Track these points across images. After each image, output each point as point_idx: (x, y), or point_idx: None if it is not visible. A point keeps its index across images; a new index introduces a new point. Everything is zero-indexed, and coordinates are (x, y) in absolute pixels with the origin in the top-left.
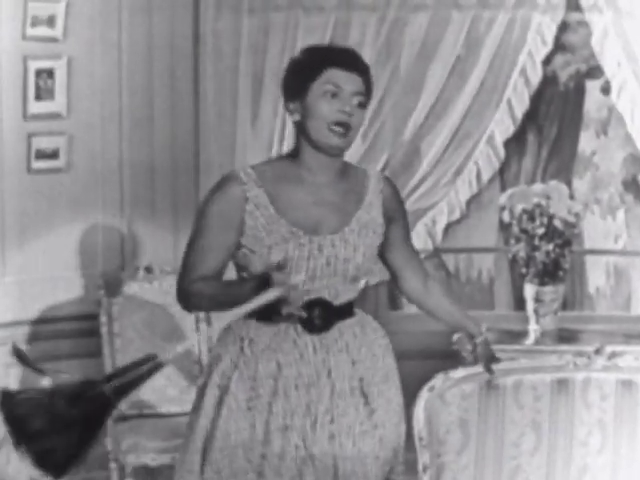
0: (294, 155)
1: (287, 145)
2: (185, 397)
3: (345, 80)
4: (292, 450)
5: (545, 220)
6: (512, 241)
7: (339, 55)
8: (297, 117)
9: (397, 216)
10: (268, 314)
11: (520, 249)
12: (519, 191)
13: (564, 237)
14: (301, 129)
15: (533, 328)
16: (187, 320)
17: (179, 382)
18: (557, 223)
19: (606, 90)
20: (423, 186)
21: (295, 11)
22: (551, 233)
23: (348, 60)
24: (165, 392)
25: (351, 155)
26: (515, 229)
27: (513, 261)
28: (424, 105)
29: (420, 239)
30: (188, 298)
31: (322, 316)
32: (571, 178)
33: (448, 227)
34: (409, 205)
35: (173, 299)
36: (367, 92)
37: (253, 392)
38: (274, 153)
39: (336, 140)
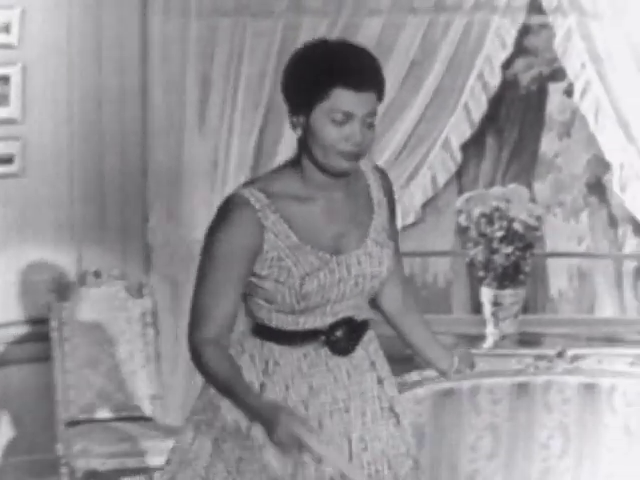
0: (297, 169)
1: (234, 152)
2: (132, 402)
3: (356, 104)
4: None
5: (504, 223)
6: (469, 245)
7: (351, 71)
8: (300, 134)
9: (392, 213)
10: (291, 337)
11: (478, 252)
12: (477, 195)
13: (525, 240)
14: (304, 146)
15: (491, 332)
16: (134, 325)
17: (126, 387)
18: (517, 226)
19: (569, 92)
20: None
21: (243, 16)
22: (511, 236)
23: (362, 77)
24: (114, 396)
25: None
26: (473, 233)
27: (470, 265)
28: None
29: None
30: (200, 364)
31: (348, 336)
32: (532, 181)
33: (403, 231)
34: None
35: (121, 303)
36: (379, 97)
37: None
38: (221, 158)
39: (345, 165)
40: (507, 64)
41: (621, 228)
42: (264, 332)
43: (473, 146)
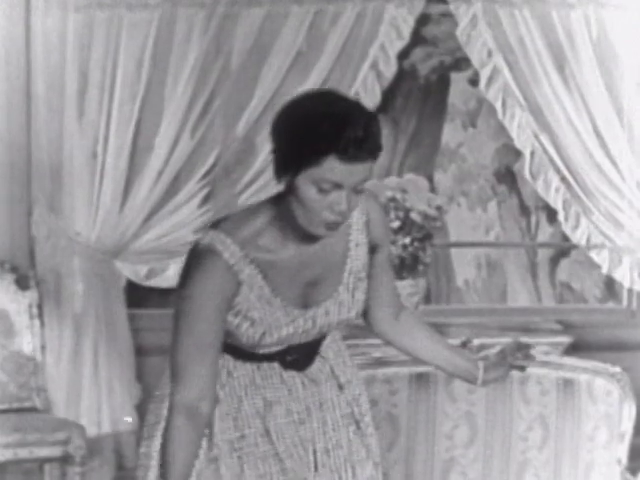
0: (274, 214)
1: (112, 144)
2: (23, 394)
3: (347, 176)
4: None
5: (401, 214)
6: None
7: (348, 143)
8: (282, 188)
9: (380, 243)
10: (247, 355)
11: None
12: (370, 185)
13: (423, 230)
14: (285, 201)
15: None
16: (22, 316)
17: (18, 379)
18: (415, 216)
19: (474, 81)
20: (259, 181)
21: (119, 8)
22: (408, 227)
23: (358, 150)
24: (7, 388)
25: (179, 154)
26: None
27: None
28: (260, 100)
29: None
30: (166, 429)
31: (303, 357)
32: (433, 172)
33: None
34: (244, 200)
35: (11, 296)
36: (375, 159)
37: (238, 432)
38: (100, 150)
39: (325, 233)
40: (405, 54)
41: (534, 217)
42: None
43: None
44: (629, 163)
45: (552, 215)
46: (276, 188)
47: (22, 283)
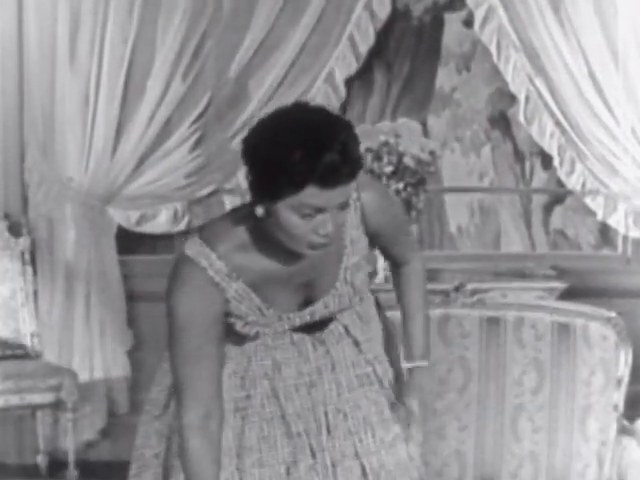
0: (256, 224)
1: (104, 87)
2: (16, 340)
3: (328, 199)
4: (306, 458)
5: (394, 159)
6: None
7: (327, 172)
8: (260, 214)
9: (384, 231)
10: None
11: None
12: (362, 130)
13: (417, 176)
14: (264, 224)
15: (382, 267)
16: (15, 263)
17: (11, 325)
18: (408, 161)
19: (468, 23)
20: (250, 125)
21: None
22: (401, 172)
23: (338, 176)
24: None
25: (170, 97)
26: None
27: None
28: (251, 43)
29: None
30: (182, 453)
31: (315, 326)
32: (426, 116)
33: None
34: (236, 144)
35: (4, 242)
36: (357, 176)
37: (244, 392)
38: (92, 94)
39: (312, 253)
40: None
41: (528, 162)
42: None
43: (359, 81)
44: (624, 108)
45: (547, 161)
46: None
47: (15, 230)
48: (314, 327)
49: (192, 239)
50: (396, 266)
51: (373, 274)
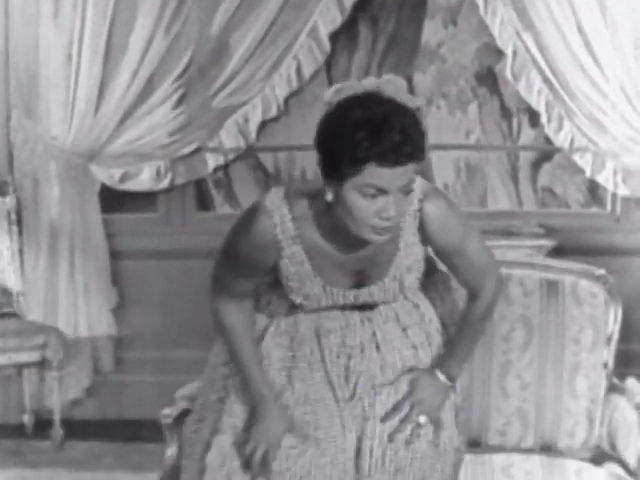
0: (326, 209)
1: (87, 44)
2: (2, 299)
3: (391, 180)
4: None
5: None
6: None
7: (387, 149)
8: (330, 199)
9: (445, 244)
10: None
11: None
12: (347, 86)
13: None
14: (334, 210)
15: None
16: (1, 223)
17: None
18: None
19: None
20: (234, 82)
21: None
22: None
23: (399, 154)
24: None
25: (153, 53)
26: None
27: None
28: None
29: (231, 137)
30: (218, 321)
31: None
32: (412, 72)
33: (265, 125)
34: (218, 102)
35: None
36: (420, 160)
37: (290, 352)
38: (74, 52)
39: (378, 239)
40: None
41: (515, 119)
42: None
43: (344, 35)
44: (613, 64)
45: (534, 118)
46: (253, 91)
47: (1, 189)
48: (363, 308)
49: (276, 191)
50: (469, 297)
51: None
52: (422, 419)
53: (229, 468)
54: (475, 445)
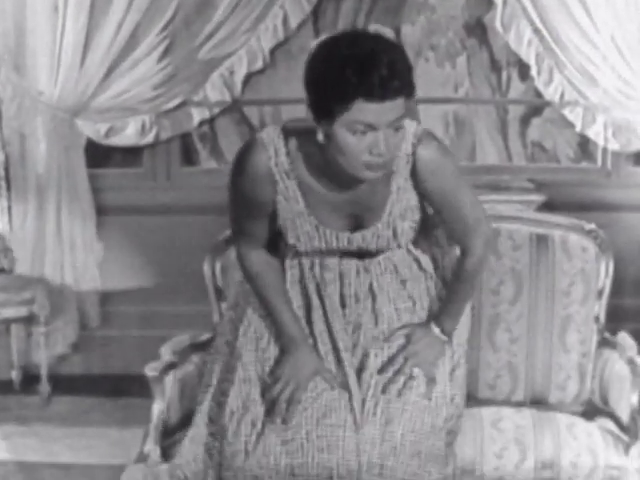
0: (321, 148)
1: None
2: None
3: (379, 115)
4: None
5: None
6: None
7: (373, 83)
8: (321, 140)
9: (437, 194)
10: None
11: None
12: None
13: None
14: (327, 150)
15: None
16: None
17: None
18: None
19: None
20: (219, 33)
21: None
22: None
23: (385, 88)
24: None
25: (137, 4)
26: None
27: None
28: None
29: (216, 90)
30: (244, 268)
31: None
32: (400, 24)
33: (250, 78)
34: (204, 54)
35: None
36: (408, 95)
37: (302, 301)
38: (61, 3)
39: (370, 175)
40: None
41: (505, 72)
42: None
43: None
44: (604, 14)
45: (524, 72)
46: (238, 43)
47: None
48: (362, 256)
49: (273, 127)
50: (460, 252)
51: None
52: (415, 371)
53: (253, 414)
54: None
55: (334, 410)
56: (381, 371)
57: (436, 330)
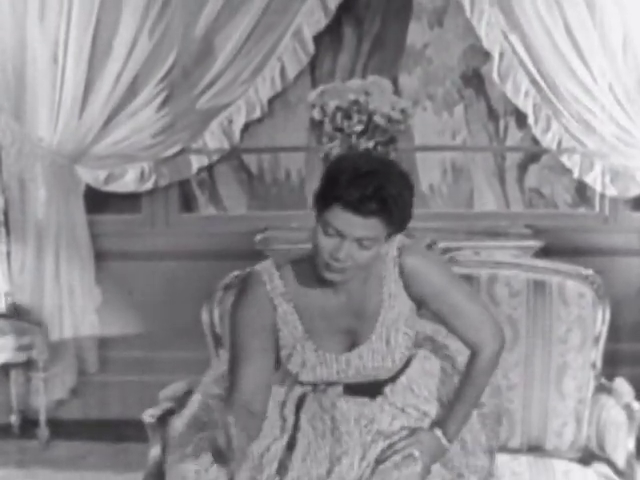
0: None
1: (72, 47)
2: None
3: (350, 226)
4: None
5: (364, 117)
6: (325, 139)
7: (352, 195)
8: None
9: (429, 291)
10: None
11: (334, 147)
12: (332, 88)
13: (387, 134)
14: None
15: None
16: None
17: None
18: (378, 119)
19: None
20: (218, 83)
21: None
22: (371, 131)
23: (362, 204)
24: None
25: (137, 55)
26: (328, 127)
27: (326, 160)
28: None
29: (215, 138)
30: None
31: (367, 389)
32: (397, 74)
33: (249, 127)
34: (202, 104)
35: None
36: (391, 222)
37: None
38: (60, 54)
39: (328, 275)
40: None
41: (502, 121)
42: None
43: (329, 37)
44: (601, 64)
45: (521, 120)
46: (237, 93)
47: None
48: (366, 391)
49: (265, 261)
50: (470, 354)
51: None
52: (416, 452)
53: None
54: None
55: None
56: (381, 455)
57: (438, 433)
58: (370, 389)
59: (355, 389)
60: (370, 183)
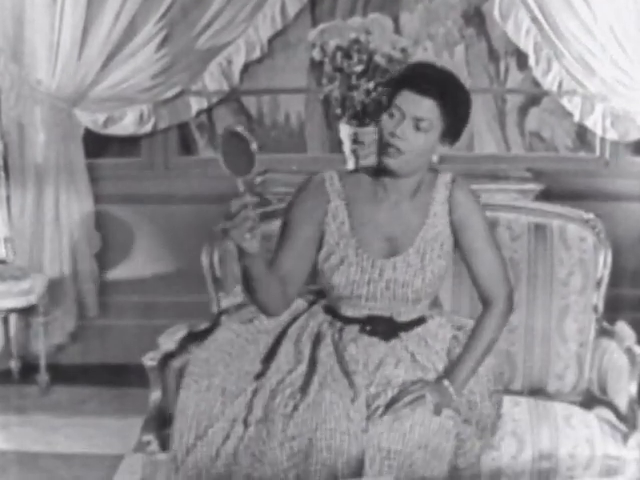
0: (375, 169)
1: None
2: None
3: (409, 103)
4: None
5: (364, 57)
6: (325, 81)
7: (415, 77)
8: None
9: (468, 223)
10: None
11: (334, 89)
12: (332, 26)
13: (388, 75)
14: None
15: (351, 168)
16: None
17: None
18: (379, 59)
19: None
20: (218, 21)
21: None
22: (372, 71)
23: (422, 83)
24: None
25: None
26: (328, 67)
27: (326, 102)
28: None
29: (214, 80)
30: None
31: (383, 330)
32: (399, 12)
33: (248, 67)
34: (202, 43)
35: None
36: (446, 115)
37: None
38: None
39: (386, 159)
40: None
41: (503, 62)
42: None
43: None
44: (602, 4)
45: (522, 61)
46: (236, 32)
47: None
48: (385, 329)
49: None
50: (483, 306)
51: None
52: (427, 396)
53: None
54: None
55: (334, 416)
56: (391, 402)
57: (446, 383)
58: (386, 333)
59: (371, 330)
60: (437, 74)
